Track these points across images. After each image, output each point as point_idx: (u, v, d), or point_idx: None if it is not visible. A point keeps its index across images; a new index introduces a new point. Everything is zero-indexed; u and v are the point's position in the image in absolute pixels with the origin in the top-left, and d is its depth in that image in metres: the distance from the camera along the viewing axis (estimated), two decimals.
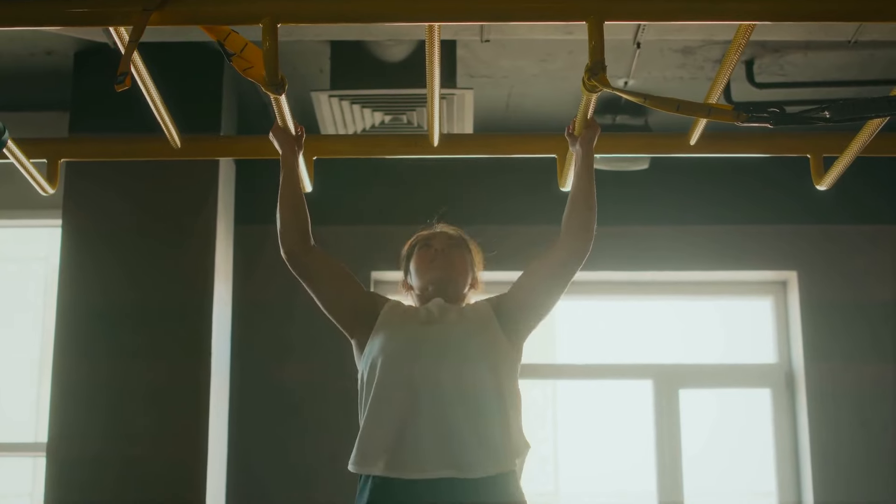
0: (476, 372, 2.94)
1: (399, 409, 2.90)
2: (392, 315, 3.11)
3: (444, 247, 3.23)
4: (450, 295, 3.19)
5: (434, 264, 3.19)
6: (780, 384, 6.42)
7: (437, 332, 3.02)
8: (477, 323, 3.06)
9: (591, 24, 2.49)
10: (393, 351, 2.99)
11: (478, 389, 2.92)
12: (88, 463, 5.07)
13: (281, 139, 3.12)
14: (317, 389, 5.98)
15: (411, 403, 2.90)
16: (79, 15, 2.64)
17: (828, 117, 2.40)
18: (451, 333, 3.01)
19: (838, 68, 5.57)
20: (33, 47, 5.41)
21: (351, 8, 2.61)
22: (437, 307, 3.11)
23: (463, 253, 3.26)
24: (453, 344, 2.98)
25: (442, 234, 3.28)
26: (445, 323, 3.05)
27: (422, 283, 3.20)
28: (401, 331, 3.04)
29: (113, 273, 5.29)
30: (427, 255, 3.22)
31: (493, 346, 3.02)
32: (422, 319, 3.08)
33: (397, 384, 2.93)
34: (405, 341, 3.01)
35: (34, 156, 3.34)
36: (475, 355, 2.97)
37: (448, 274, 3.19)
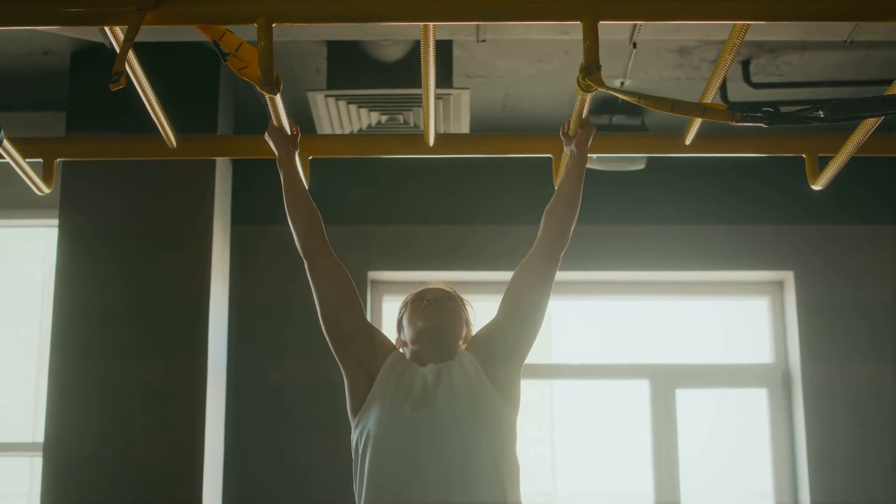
0: (472, 450, 2.92)
1: (396, 492, 2.89)
2: (389, 380, 3.05)
3: (437, 298, 3.20)
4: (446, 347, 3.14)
5: (426, 313, 3.16)
6: (776, 384, 6.43)
7: (430, 416, 2.95)
8: (468, 392, 3.01)
9: (585, 24, 2.50)
10: (387, 438, 2.95)
11: (475, 472, 2.89)
12: (85, 463, 5.07)
13: (276, 139, 3.12)
14: (313, 389, 5.97)
15: (408, 487, 2.88)
16: (74, 14, 2.64)
17: (822, 117, 2.40)
18: (444, 417, 2.95)
19: (835, 68, 5.57)
20: (30, 47, 5.41)
21: (346, 8, 2.61)
22: (431, 375, 3.05)
23: (457, 305, 3.23)
24: (446, 428, 2.94)
25: (435, 289, 3.26)
26: (438, 404, 2.98)
27: (413, 333, 3.16)
28: (395, 413, 2.97)
29: (109, 273, 5.29)
30: (419, 306, 3.19)
31: (487, 415, 2.99)
32: (415, 398, 3.00)
33: (393, 470, 2.91)
34: (399, 428, 2.96)
35: (30, 155, 3.34)
36: (470, 433, 2.94)
37: (441, 322, 3.15)
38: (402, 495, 2.88)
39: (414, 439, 2.93)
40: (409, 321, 3.20)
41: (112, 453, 5.08)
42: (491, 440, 2.95)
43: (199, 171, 5.35)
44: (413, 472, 2.88)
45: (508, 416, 3.03)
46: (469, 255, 6.26)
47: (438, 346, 3.14)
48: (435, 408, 2.97)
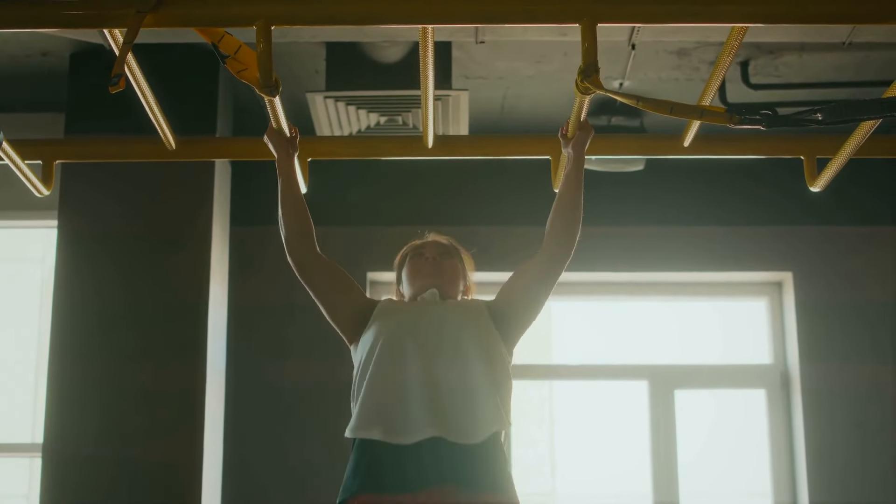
0: (470, 349, 3.00)
1: (394, 379, 2.96)
2: (386, 307, 3.16)
3: (436, 255, 3.26)
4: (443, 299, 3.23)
5: (424, 271, 3.22)
6: (775, 385, 6.43)
7: (432, 313, 3.08)
8: (470, 313, 3.12)
9: (584, 26, 2.50)
10: (388, 331, 3.03)
11: (472, 364, 2.97)
12: (84, 464, 5.08)
13: (275, 142, 3.13)
14: (313, 390, 5.98)
15: (406, 375, 2.95)
16: (73, 17, 2.64)
17: (820, 120, 2.40)
18: (447, 315, 3.07)
19: (833, 70, 5.58)
20: (29, 48, 5.42)
21: (345, 10, 2.62)
22: (431, 296, 3.17)
23: (454, 261, 3.29)
24: (449, 323, 3.04)
25: (433, 242, 3.32)
26: (441, 307, 3.12)
27: (413, 291, 3.23)
28: (396, 315, 3.10)
29: (109, 274, 5.29)
30: (418, 263, 3.25)
31: (486, 334, 3.07)
32: (416, 306, 3.14)
33: (393, 358, 2.98)
34: (400, 322, 3.06)
35: (29, 157, 3.34)
36: (470, 337, 3.03)
37: (439, 281, 3.22)
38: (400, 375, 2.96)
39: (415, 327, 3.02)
40: (408, 277, 3.27)
41: (111, 454, 5.08)
42: (487, 346, 3.05)
43: (199, 173, 5.35)
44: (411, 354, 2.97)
45: (504, 353, 3.12)
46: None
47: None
48: (440, 308, 3.10)
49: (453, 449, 2.87)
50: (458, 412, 2.90)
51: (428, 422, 2.88)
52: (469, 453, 2.88)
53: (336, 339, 3.29)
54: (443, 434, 2.87)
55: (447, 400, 2.91)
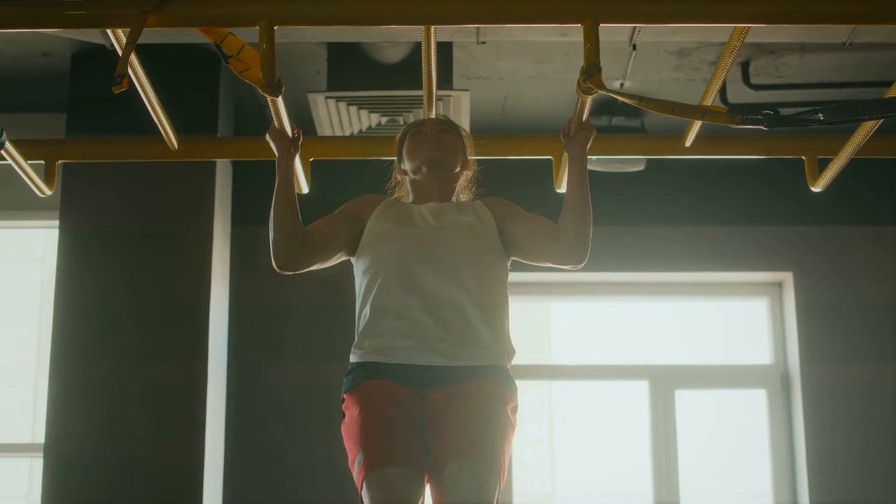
0: (471, 268, 3.00)
1: (395, 301, 2.96)
2: (382, 219, 3.15)
3: (435, 130, 3.26)
4: (442, 176, 3.23)
5: (425, 145, 3.22)
6: (775, 385, 6.43)
7: (432, 233, 3.07)
8: (474, 227, 3.11)
9: (586, 27, 2.50)
10: (388, 252, 3.04)
11: (471, 286, 2.97)
12: (85, 464, 5.08)
13: (277, 142, 3.12)
14: (313, 390, 5.98)
15: (407, 296, 2.95)
16: (77, 17, 2.65)
17: (822, 119, 2.41)
18: (447, 235, 3.07)
19: (834, 70, 5.58)
20: (30, 49, 5.42)
21: (347, 10, 2.62)
22: (430, 212, 3.15)
23: (454, 136, 3.29)
24: (449, 243, 3.04)
25: (433, 119, 3.33)
26: (441, 225, 3.10)
27: (414, 165, 3.23)
28: (393, 233, 3.08)
29: (110, 274, 5.30)
30: (418, 138, 3.25)
31: (487, 251, 3.08)
32: (415, 224, 3.12)
33: (393, 280, 2.99)
34: (399, 242, 3.06)
35: (32, 157, 3.35)
36: (472, 251, 3.03)
37: (439, 154, 3.22)
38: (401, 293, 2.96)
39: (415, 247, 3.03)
40: (409, 153, 3.26)
41: (112, 454, 5.08)
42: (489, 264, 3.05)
43: (200, 173, 5.35)
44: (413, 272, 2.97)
45: (503, 267, 3.13)
46: None
47: (438, 174, 3.23)
48: (440, 228, 3.09)
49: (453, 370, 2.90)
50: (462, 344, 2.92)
51: (430, 354, 2.90)
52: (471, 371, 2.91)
53: (337, 338, 3.29)
54: (443, 361, 2.90)
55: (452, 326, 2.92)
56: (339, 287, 4.25)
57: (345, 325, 3.47)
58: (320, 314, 5.97)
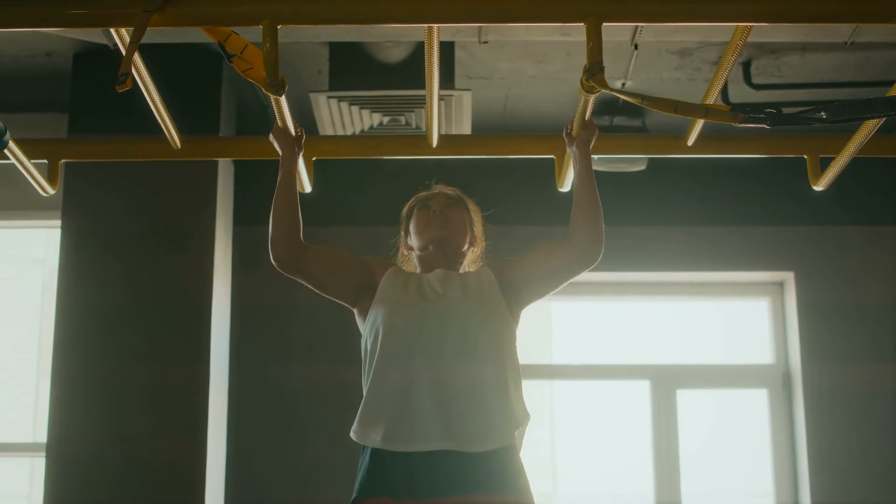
0: (477, 346, 2.95)
1: (399, 383, 2.91)
2: (392, 285, 3.11)
3: (442, 207, 3.24)
4: (449, 254, 3.20)
5: (432, 224, 3.20)
6: (777, 385, 6.44)
7: (438, 307, 3.02)
8: (479, 294, 3.07)
9: (589, 26, 2.51)
10: (394, 327, 2.98)
11: (478, 363, 2.93)
12: (88, 463, 5.08)
13: (281, 141, 3.13)
14: (316, 390, 5.98)
15: (412, 378, 2.90)
16: (80, 16, 2.65)
17: (824, 118, 2.41)
18: (453, 309, 3.01)
19: (835, 70, 5.59)
20: (32, 48, 5.42)
21: (350, 9, 2.63)
22: (437, 280, 3.11)
23: (461, 212, 3.27)
24: (455, 319, 2.98)
25: (440, 194, 3.30)
26: (447, 298, 3.05)
27: (421, 243, 3.21)
28: (402, 305, 3.03)
29: (112, 274, 5.30)
30: (425, 215, 3.23)
31: (494, 319, 3.03)
32: (423, 293, 3.07)
33: (398, 360, 2.94)
34: (406, 317, 3.00)
35: (35, 156, 3.35)
36: (476, 329, 2.97)
37: (446, 233, 3.20)
38: (405, 376, 2.91)
39: (422, 325, 2.97)
40: (415, 230, 3.24)
41: (115, 454, 5.09)
42: (496, 334, 3.00)
43: (202, 172, 5.36)
44: (417, 355, 2.92)
45: (512, 330, 3.08)
46: None
47: (444, 252, 3.20)
48: (446, 300, 3.03)
49: (464, 458, 2.84)
50: (469, 422, 2.86)
51: (437, 432, 2.85)
52: (481, 461, 2.86)
53: (339, 338, 3.29)
54: (453, 446, 2.84)
55: (456, 409, 2.87)
56: None
57: (347, 325, 3.47)
58: (323, 314, 5.95)
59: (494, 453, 2.88)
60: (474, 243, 3.31)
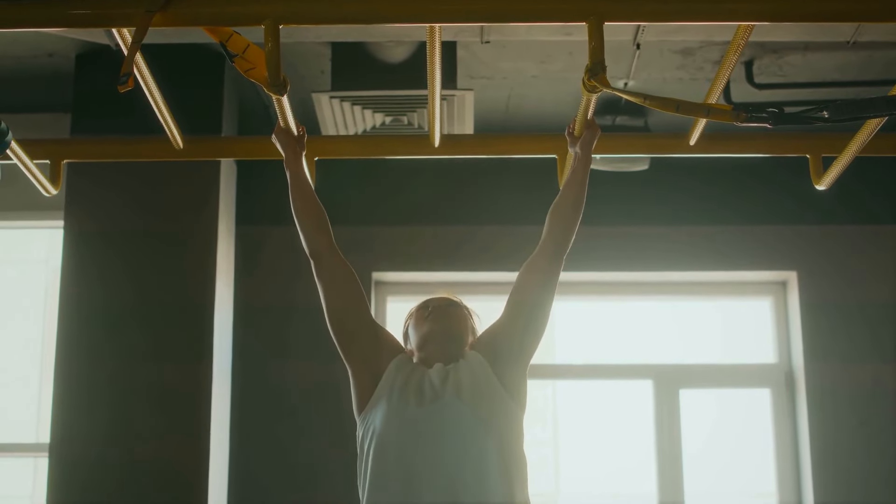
0: (479, 448, 2.89)
1: (399, 493, 2.87)
2: (395, 379, 3.03)
3: (442, 305, 3.21)
4: (452, 350, 3.12)
5: (431, 317, 3.16)
6: (780, 384, 6.44)
7: (436, 413, 2.93)
8: (474, 390, 2.98)
9: (590, 25, 2.51)
10: (391, 435, 2.92)
11: (481, 465, 2.88)
12: (91, 464, 5.08)
13: (283, 141, 3.13)
14: (318, 390, 5.98)
15: (411, 488, 2.86)
16: (82, 16, 2.65)
17: (826, 117, 2.41)
18: (450, 413, 2.93)
19: (837, 69, 5.58)
20: (35, 49, 5.43)
21: (352, 9, 2.62)
22: (438, 376, 3.02)
23: (460, 311, 3.22)
24: (453, 424, 2.91)
25: (439, 297, 3.26)
26: (444, 400, 2.95)
27: (419, 339, 3.16)
28: (400, 411, 2.95)
29: (114, 274, 5.30)
30: (424, 312, 3.20)
31: (494, 412, 2.97)
32: (424, 396, 2.98)
33: (396, 470, 2.89)
34: (404, 426, 2.93)
35: (37, 157, 3.35)
36: (477, 430, 2.92)
37: (445, 325, 3.15)
38: (405, 494, 2.85)
39: (418, 436, 2.90)
40: (414, 328, 3.20)
41: (117, 454, 5.09)
42: (499, 437, 2.93)
43: (204, 172, 5.36)
44: (416, 472, 2.86)
45: (516, 415, 3.02)
46: (472, 256, 6.28)
47: (444, 349, 3.12)
48: (441, 404, 2.94)
49: None
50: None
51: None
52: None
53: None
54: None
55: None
56: None
57: None
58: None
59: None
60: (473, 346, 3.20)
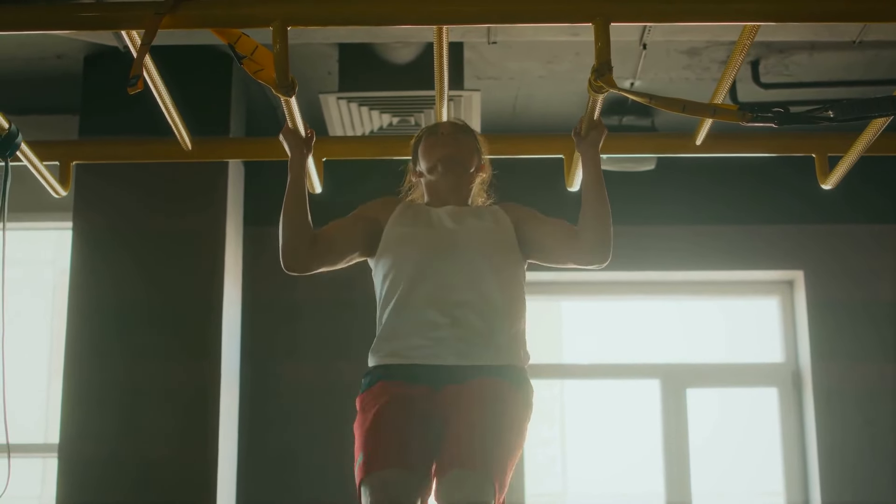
0: (487, 273, 3.01)
1: (413, 309, 2.98)
2: (401, 222, 3.15)
3: (451, 131, 3.27)
4: (458, 174, 3.23)
5: (440, 143, 3.23)
6: (786, 383, 6.44)
7: (452, 235, 3.07)
8: (495, 226, 3.12)
9: (597, 26, 2.52)
10: (405, 256, 3.04)
11: (488, 289, 2.99)
12: (100, 464, 5.10)
13: (291, 142, 3.13)
14: (326, 390, 5.99)
15: (424, 303, 2.97)
16: (91, 19, 2.67)
17: (832, 117, 2.42)
18: (468, 235, 3.07)
19: (843, 68, 5.58)
20: (43, 51, 5.45)
21: (360, 10, 2.64)
22: (448, 215, 3.15)
23: (469, 137, 3.30)
24: (468, 245, 3.05)
25: (448, 122, 3.33)
26: (460, 227, 3.10)
27: (429, 164, 3.23)
28: (413, 238, 3.08)
29: (123, 274, 5.32)
30: (433, 138, 3.26)
31: (510, 251, 3.09)
32: (433, 225, 3.12)
33: (411, 287, 3.00)
34: (418, 246, 3.06)
35: (47, 158, 3.37)
36: (490, 256, 3.04)
37: (455, 151, 3.22)
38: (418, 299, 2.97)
39: (434, 252, 3.03)
40: (424, 152, 3.26)
41: (126, 454, 5.10)
42: (512, 267, 3.07)
43: (212, 173, 5.37)
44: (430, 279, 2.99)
45: (521, 269, 3.14)
46: None
47: (454, 173, 3.23)
48: (459, 230, 3.09)
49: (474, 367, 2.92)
50: (481, 348, 2.93)
51: (446, 350, 2.92)
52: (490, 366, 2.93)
53: (349, 337, 3.30)
54: (463, 362, 2.92)
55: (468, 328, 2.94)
56: (351, 286, 4.28)
57: (358, 323, 3.49)
58: (333, 313, 5.99)
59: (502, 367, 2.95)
60: (482, 168, 3.33)
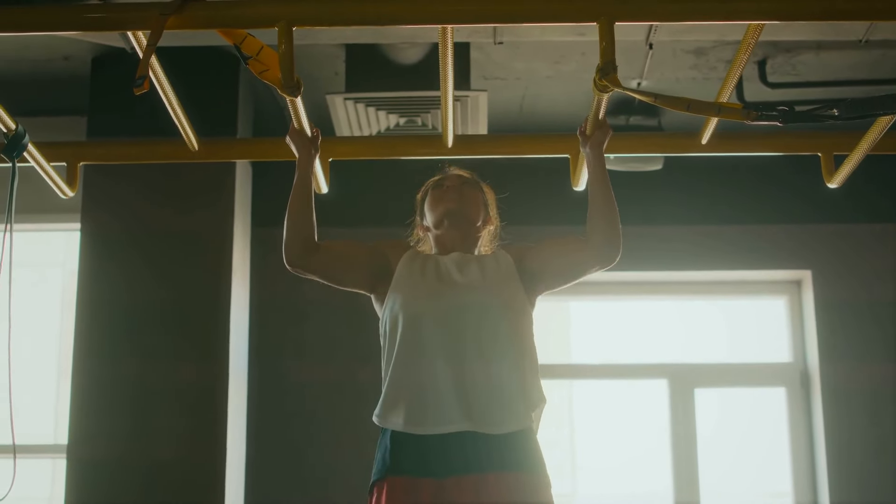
0: (496, 332, 2.98)
1: (421, 369, 2.95)
2: (410, 270, 3.13)
3: (457, 184, 3.27)
4: (464, 230, 3.22)
5: (446, 198, 3.23)
6: (795, 383, 6.43)
7: (457, 292, 3.05)
8: (497, 279, 3.10)
9: (602, 25, 2.52)
10: (414, 313, 3.01)
11: (497, 349, 2.96)
12: (109, 464, 5.11)
13: (297, 142, 3.14)
14: (334, 390, 6.00)
15: (432, 364, 2.94)
16: (97, 20, 2.68)
17: (837, 115, 2.42)
18: (472, 294, 3.04)
19: (850, 67, 5.58)
20: (50, 53, 5.46)
21: (365, 11, 2.64)
22: (454, 263, 3.14)
23: (475, 190, 3.30)
24: (474, 305, 3.01)
25: (454, 175, 3.32)
26: (465, 283, 3.08)
27: (435, 218, 3.23)
28: (420, 291, 3.06)
29: (131, 275, 5.33)
30: (439, 192, 3.26)
31: (513, 304, 3.06)
32: (441, 278, 3.10)
33: (419, 346, 2.97)
34: (425, 302, 3.03)
35: (54, 159, 3.37)
36: (496, 315, 3.00)
37: (461, 206, 3.22)
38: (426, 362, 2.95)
39: (440, 310, 3.00)
40: (430, 206, 3.27)
41: (135, 454, 5.11)
42: (513, 318, 3.03)
43: (220, 174, 5.38)
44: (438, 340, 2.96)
45: (529, 314, 3.12)
46: None
47: (459, 227, 3.22)
48: (464, 285, 3.06)
49: (481, 439, 2.89)
50: (487, 407, 2.91)
51: (456, 415, 2.89)
52: (498, 442, 2.90)
53: (358, 337, 3.31)
54: (470, 427, 2.89)
55: (475, 393, 2.91)
56: None
57: (365, 323, 3.49)
58: (341, 313, 5.99)
59: (511, 435, 2.92)
60: (489, 222, 3.32)
